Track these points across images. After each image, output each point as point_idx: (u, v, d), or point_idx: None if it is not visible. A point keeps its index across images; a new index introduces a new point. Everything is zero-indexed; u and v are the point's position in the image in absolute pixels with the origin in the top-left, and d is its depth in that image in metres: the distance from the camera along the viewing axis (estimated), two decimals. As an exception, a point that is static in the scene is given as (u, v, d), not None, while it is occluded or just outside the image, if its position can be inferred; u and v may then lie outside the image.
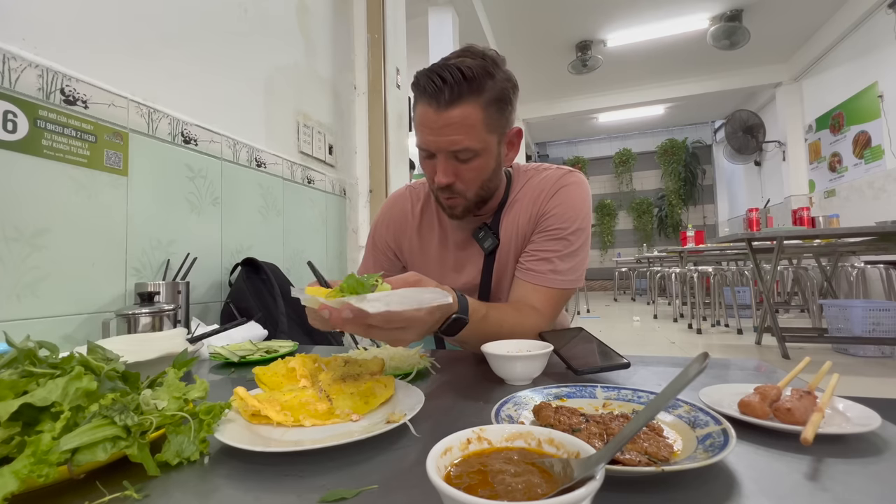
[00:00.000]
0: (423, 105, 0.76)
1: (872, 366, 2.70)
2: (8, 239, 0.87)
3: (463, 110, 0.74)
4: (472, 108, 0.75)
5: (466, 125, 0.75)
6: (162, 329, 0.98)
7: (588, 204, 0.89)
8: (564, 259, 0.84)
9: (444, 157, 0.78)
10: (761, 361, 0.70)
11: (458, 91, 0.73)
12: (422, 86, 0.75)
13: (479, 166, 0.80)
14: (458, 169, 0.79)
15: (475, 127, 0.75)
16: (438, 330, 0.64)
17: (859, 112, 4.72)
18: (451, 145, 0.76)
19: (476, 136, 0.76)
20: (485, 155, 0.79)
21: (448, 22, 3.77)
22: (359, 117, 2.24)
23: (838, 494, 0.31)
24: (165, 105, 1.22)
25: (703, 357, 0.29)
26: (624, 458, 0.33)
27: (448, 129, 0.75)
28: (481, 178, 0.81)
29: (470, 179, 0.80)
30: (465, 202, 0.83)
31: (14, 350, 0.41)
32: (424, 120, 0.77)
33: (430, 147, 0.78)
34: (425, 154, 0.81)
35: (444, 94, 0.73)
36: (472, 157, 0.78)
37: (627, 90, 6.85)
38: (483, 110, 0.76)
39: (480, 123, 0.76)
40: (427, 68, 0.76)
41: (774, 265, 3.08)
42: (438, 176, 0.79)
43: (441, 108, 0.74)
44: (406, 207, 1.00)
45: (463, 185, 0.81)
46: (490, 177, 0.83)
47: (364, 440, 0.41)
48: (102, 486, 0.35)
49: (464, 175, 0.80)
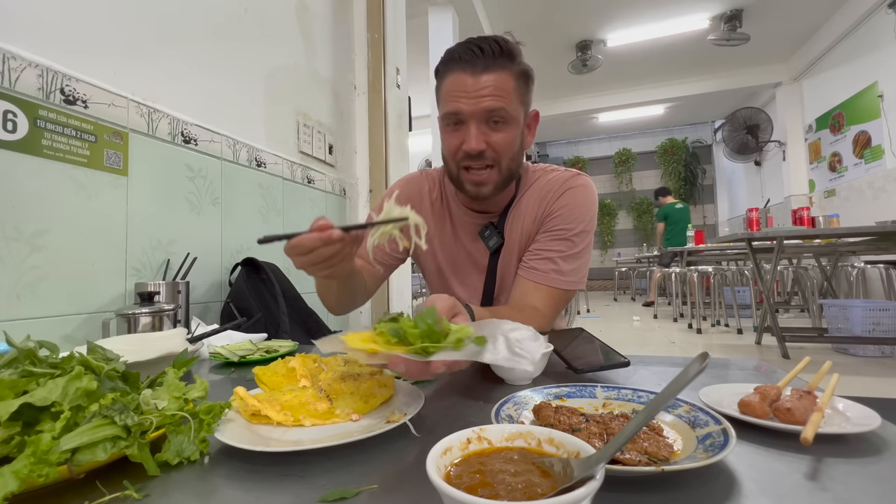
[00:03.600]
0: (457, 73, 0.79)
1: (872, 366, 2.70)
2: (8, 239, 0.87)
3: (499, 76, 0.78)
4: (506, 74, 0.78)
5: (503, 88, 0.78)
6: (162, 329, 0.98)
7: (594, 207, 0.89)
8: (568, 260, 0.85)
9: (478, 121, 0.79)
10: (761, 361, 0.70)
11: (494, 58, 0.78)
12: (457, 55, 0.79)
13: (508, 136, 0.81)
14: (490, 135, 0.80)
15: (509, 92, 0.79)
16: None
17: (859, 112, 4.72)
18: (488, 105, 0.77)
19: (509, 101, 0.79)
20: (514, 125, 0.81)
21: (448, 22, 3.77)
22: (359, 117, 2.24)
23: (838, 494, 0.31)
24: (165, 105, 1.22)
25: (703, 357, 0.29)
26: (624, 457, 0.33)
27: (484, 91, 0.77)
28: (511, 149, 0.82)
29: (501, 147, 0.80)
30: (497, 175, 0.82)
31: (14, 350, 0.41)
32: (458, 85, 0.79)
33: (465, 110, 0.78)
34: (454, 121, 0.81)
35: (480, 60, 0.77)
36: (502, 122, 0.80)
37: (627, 90, 6.85)
38: (515, 79, 0.80)
39: (513, 91, 0.79)
40: (461, 42, 0.81)
41: (774, 265, 3.08)
42: (471, 141, 0.79)
43: (477, 73, 0.78)
44: (422, 189, 0.98)
45: (494, 152, 0.80)
46: (517, 152, 0.84)
47: (364, 440, 0.41)
48: (102, 486, 0.35)
49: (494, 141, 0.80)
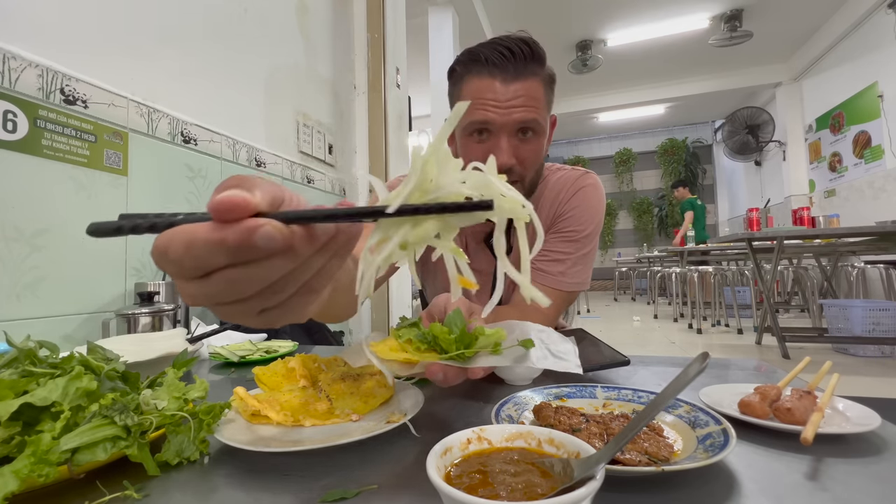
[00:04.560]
0: (485, 77, 0.72)
1: (872, 366, 2.70)
2: (8, 239, 0.87)
3: (531, 83, 0.72)
4: (537, 82, 0.72)
5: (534, 98, 0.72)
6: (162, 329, 0.98)
7: (603, 207, 0.88)
8: (576, 262, 0.84)
9: (508, 134, 0.72)
10: (761, 361, 0.70)
11: (525, 64, 0.71)
12: (483, 57, 0.72)
13: (537, 147, 0.75)
14: (519, 149, 0.74)
15: (540, 101, 0.73)
16: None
17: (859, 112, 4.72)
18: (521, 118, 0.71)
19: (541, 112, 0.73)
20: (542, 135, 0.75)
21: (448, 22, 3.77)
22: (359, 117, 2.24)
23: (838, 494, 0.31)
24: (165, 105, 1.22)
25: (703, 357, 0.29)
26: (624, 458, 0.33)
27: (517, 101, 0.71)
28: (538, 161, 0.76)
29: (529, 162, 0.74)
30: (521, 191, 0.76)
31: (14, 350, 0.41)
32: (486, 92, 0.71)
33: (496, 121, 0.71)
34: (478, 129, 0.74)
35: (511, 65, 0.70)
36: (534, 134, 0.74)
37: (627, 90, 6.85)
38: (545, 86, 0.74)
39: (543, 99, 0.73)
40: (485, 42, 0.73)
41: (774, 265, 3.08)
42: (502, 156, 0.71)
43: (508, 80, 0.71)
44: None
45: (522, 168, 0.74)
46: (541, 164, 0.79)
47: (364, 440, 0.41)
48: (102, 486, 0.35)
49: (524, 156, 0.74)
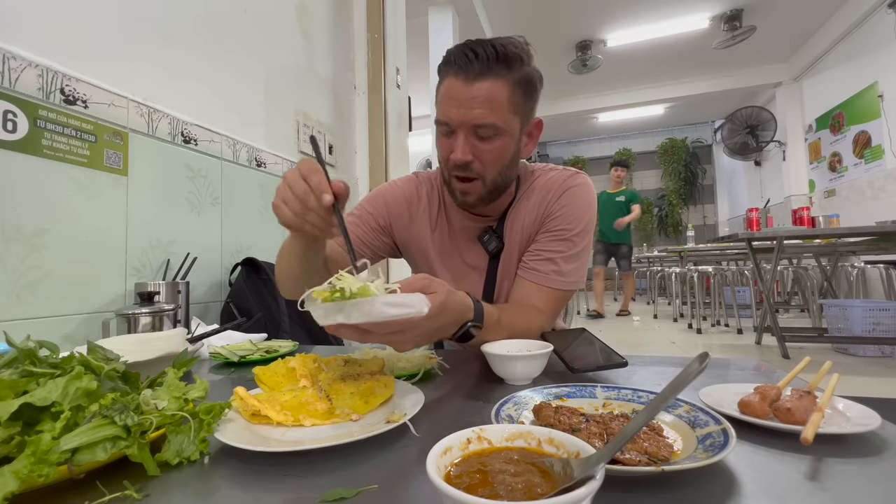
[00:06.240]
0: (451, 78, 0.75)
1: (872, 366, 2.70)
2: (8, 239, 0.87)
3: (491, 85, 0.73)
4: (500, 83, 0.73)
5: (492, 100, 0.73)
6: (162, 329, 0.98)
7: (593, 206, 0.89)
8: (568, 260, 0.84)
9: (466, 132, 0.75)
10: (761, 361, 0.70)
11: (489, 65, 0.73)
12: (452, 59, 0.75)
13: (498, 148, 0.77)
14: (478, 147, 0.76)
15: (501, 104, 0.74)
16: (452, 336, 0.63)
17: (859, 112, 4.72)
18: (475, 119, 0.74)
19: (500, 114, 0.74)
20: (505, 137, 0.77)
21: (448, 22, 3.77)
22: (359, 117, 2.24)
23: (838, 494, 0.31)
24: (165, 105, 1.22)
25: (703, 357, 0.29)
26: (624, 457, 0.33)
27: (473, 102, 0.73)
28: (500, 161, 0.78)
29: (489, 161, 0.77)
30: (481, 187, 0.80)
31: (14, 350, 0.41)
32: (450, 92, 0.75)
33: (453, 120, 0.75)
34: (445, 130, 0.78)
35: (474, 66, 0.73)
36: (493, 135, 0.76)
37: (627, 90, 6.84)
38: (510, 88, 0.74)
39: (506, 101, 0.75)
40: (460, 44, 0.76)
41: (774, 265, 3.08)
42: (457, 152, 0.76)
43: (469, 81, 0.73)
44: (412, 190, 0.95)
45: (481, 165, 0.77)
46: (508, 164, 0.80)
47: (364, 440, 0.41)
48: (102, 486, 0.35)
49: (483, 155, 0.77)
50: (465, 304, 0.62)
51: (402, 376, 0.63)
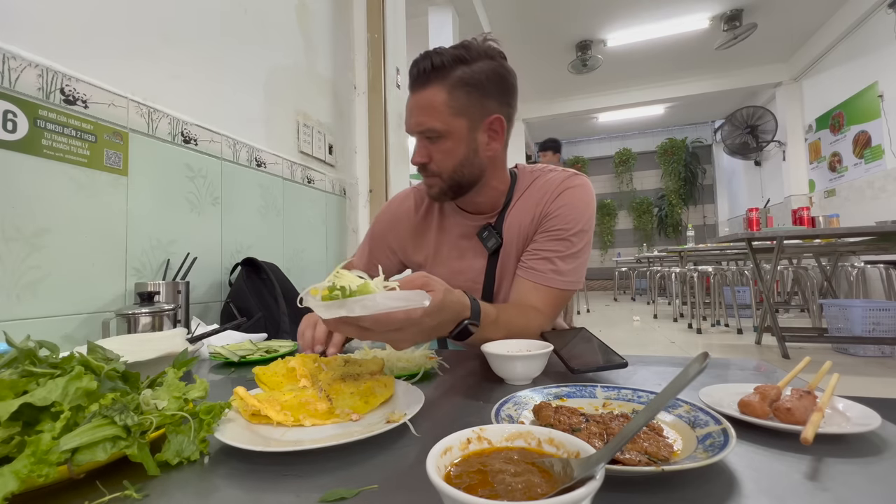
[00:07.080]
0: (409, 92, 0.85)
1: (872, 366, 2.70)
2: (8, 239, 0.87)
3: (428, 93, 0.80)
4: (435, 90, 0.80)
5: (430, 107, 0.80)
6: (162, 329, 0.98)
7: (592, 207, 0.89)
8: (566, 260, 0.85)
9: (418, 137, 0.84)
10: (761, 361, 0.70)
11: (427, 76, 0.80)
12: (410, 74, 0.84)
13: (447, 149, 0.83)
14: (430, 150, 0.84)
15: (437, 109, 0.80)
16: (449, 335, 0.64)
17: (859, 112, 4.72)
18: (417, 126, 0.82)
19: (438, 118, 0.80)
20: (451, 138, 0.82)
21: (448, 22, 3.77)
22: (359, 117, 2.24)
23: (838, 494, 0.31)
24: (165, 105, 1.22)
25: (703, 357, 0.29)
26: (624, 457, 0.33)
27: (415, 111, 0.82)
28: (452, 160, 0.84)
29: (440, 160, 0.84)
30: (440, 183, 0.86)
31: (14, 350, 0.41)
32: (406, 105, 0.85)
33: (406, 129, 0.85)
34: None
35: (417, 79, 0.81)
36: (437, 137, 0.82)
37: (627, 90, 6.84)
38: (448, 93, 0.80)
39: (443, 105, 0.80)
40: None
41: (774, 265, 3.08)
42: (413, 156, 0.86)
43: (414, 93, 0.82)
44: (409, 206, 1.02)
45: (436, 166, 0.85)
46: (462, 161, 0.84)
47: (364, 440, 0.41)
48: (102, 486, 0.35)
49: (435, 156, 0.84)
50: (463, 302, 0.63)
51: (402, 376, 0.63)
